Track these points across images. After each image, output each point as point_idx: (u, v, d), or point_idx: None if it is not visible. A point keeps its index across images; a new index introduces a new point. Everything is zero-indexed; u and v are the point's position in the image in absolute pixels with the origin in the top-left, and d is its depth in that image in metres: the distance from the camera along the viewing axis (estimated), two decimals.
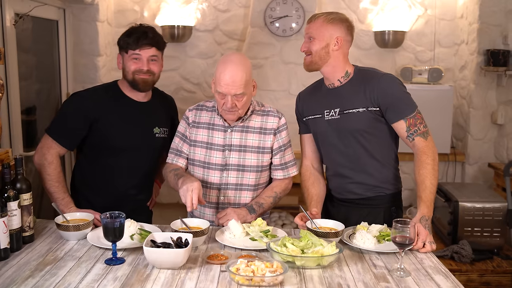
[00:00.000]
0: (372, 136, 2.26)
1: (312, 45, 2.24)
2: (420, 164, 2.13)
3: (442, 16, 4.36)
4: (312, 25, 2.26)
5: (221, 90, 2.14)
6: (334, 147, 2.33)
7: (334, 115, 2.28)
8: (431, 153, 2.13)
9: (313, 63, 2.26)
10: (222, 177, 2.28)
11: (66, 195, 2.28)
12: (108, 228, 1.78)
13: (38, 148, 2.34)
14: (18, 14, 3.14)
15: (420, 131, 2.16)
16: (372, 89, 2.20)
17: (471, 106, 4.11)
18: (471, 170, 4.19)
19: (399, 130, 2.21)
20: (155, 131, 2.48)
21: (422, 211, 2.04)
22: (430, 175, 2.09)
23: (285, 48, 4.26)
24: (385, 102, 2.19)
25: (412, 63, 4.38)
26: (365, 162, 2.29)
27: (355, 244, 1.98)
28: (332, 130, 2.30)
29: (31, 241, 2.00)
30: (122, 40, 2.36)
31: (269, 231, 2.07)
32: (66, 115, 2.39)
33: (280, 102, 4.28)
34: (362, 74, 2.28)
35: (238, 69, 2.13)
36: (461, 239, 3.24)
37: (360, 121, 2.23)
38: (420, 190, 2.09)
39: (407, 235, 1.76)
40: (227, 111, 2.19)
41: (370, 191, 2.31)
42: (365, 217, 2.25)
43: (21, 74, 3.28)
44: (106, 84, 2.55)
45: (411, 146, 2.20)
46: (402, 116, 2.18)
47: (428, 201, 2.06)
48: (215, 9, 4.40)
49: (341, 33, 2.23)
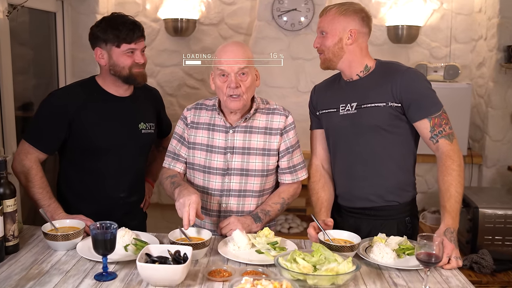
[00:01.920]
0: (391, 135, 2.06)
1: (325, 40, 2.07)
2: (444, 169, 1.93)
3: (458, 10, 4.15)
4: (323, 19, 2.08)
5: (222, 67, 1.98)
6: (347, 145, 2.13)
7: (350, 110, 2.09)
8: (457, 158, 1.94)
9: (327, 60, 2.09)
10: (224, 183, 2.09)
11: (52, 200, 2.11)
12: (98, 240, 1.60)
13: (16, 155, 2.17)
14: (12, 5, 2.98)
15: (445, 133, 1.97)
16: (395, 83, 2.01)
17: (489, 105, 3.90)
18: (488, 173, 3.99)
19: (421, 130, 2.01)
20: (141, 126, 2.31)
21: (447, 222, 1.85)
22: (456, 182, 1.90)
23: (293, 43, 4.07)
24: (408, 97, 1.99)
25: (427, 60, 4.18)
26: (380, 164, 2.09)
27: (373, 259, 1.79)
28: (347, 126, 2.10)
29: (15, 251, 1.82)
30: (107, 33, 2.17)
31: (277, 243, 1.88)
32: (41, 117, 2.22)
33: (288, 99, 4.09)
34: (384, 67, 2.10)
35: (238, 45, 2.04)
36: (481, 248, 3.04)
37: (379, 117, 2.04)
38: (445, 199, 1.89)
39: (433, 251, 1.57)
40: (231, 97, 2.00)
41: (383, 199, 2.11)
42: (378, 229, 2.05)
43: (18, 68, 3.14)
44: (82, 81, 2.37)
45: (434, 149, 2.00)
46: (427, 114, 1.98)
47: (454, 211, 1.87)
48: (220, 2, 4.21)
49: (355, 25, 2.04)
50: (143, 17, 4.21)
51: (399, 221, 2.13)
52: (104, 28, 2.19)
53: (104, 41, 2.19)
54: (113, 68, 2.20)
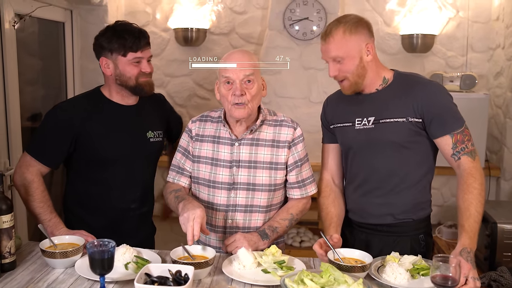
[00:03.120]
0: (409, 151, 1.98)
1: (344, 66, 1.95)
2: (466, 187, 1.84)
3: (475, 18, 4.03)
4: (332, 45, 1.94)
5: (227, 74, 1.92)
6: (362, 160, 2.04)
7: (367, 124, 2.00)
8: (479, 176, 1.85)
9: (353, 85, 1.98)
10: (230, 198, 2.01)
11: (53, 215, 2.04)
12: (95, 259, 1.52)
13: (17, 168, 2.11)
14: (20, 15, 2.95)
15: (467, 150, 1.89)
16: (415, 96, 1.92)
17: (507, 116, 3.78)
18: (507, 186, 3.85)
19: (443, 146, 1.93)
20: (149, 135, 2.26)
21: (464, 242, 1.75)
22: (476, 201, 1.81)
23: (305, 53, 3.99)
24: (430, 112, 1.91)
25: (443, 69, 4.07)
26: (397, 182, 2.00)
27: (385, 279, 1.70)
28: (363, 142, 2.02)
29: (12, 269, 1.75)
30: (113, 42, 2.12)
31: (284, 262, 1.79)
32: (45, 130, 2.17)
33: (300, 110, 4.01)
34: (403, 79, 2.01)
35: (244, 52, 1.98)
36: (500, 265, 2.88)
37: (398, 133, 1.95)
38: (464, 218, 1.80)
39: (449, 274, 1.47)
40: (235, 105, 1.93)
41: (396, 217, 2.02)
42: (390, 246, 1.96)
43: (27, 79, 3.11)
44: (87, 92, 2.32)
45: (455, 166, 1.92)
46: (449, 130, 1.90)
47: (472, 231, 1.77)
48: (231, 11, 4.15)
49: (366, 38, 1.96)
50: (153, 27, 4.17)
51: (412, 238, 2.04)
52: (109, 37, 2.14)
53: (109, 51, 2.14)
54: (119, 78, 2.15)
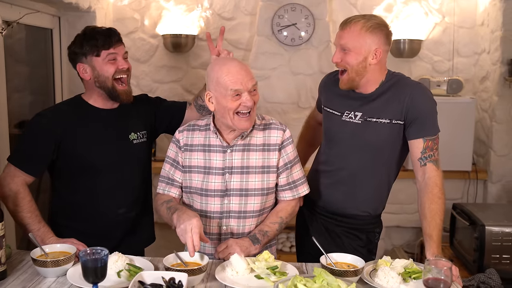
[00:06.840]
0: (386, 152, 2.07)
1: (347, 57, 1.98)
2: (432, 197, 1.91)
3: (461, 23, 4.09)
4: (346, 33, 1.97)
5: (237, 87, 1.87)
6: (340, 151, 2.12)
7: (353, 119, 2.06)
8: (442, 187, 1.94)
9: (350, 80, 2.01)
10: (223, 204, 2.01)
11: (41, 224, 2.02)
12: (87, 267, 1.51)
13: (1, 179, 2.08)
14: (7, 22, 2.93)
15: (434, 158, 1.96)
16: (403, 99, 1.98)
17: (493, 119, 3.83)
18: (494, 189, 3.90)
19: (413, 149, 1.99)
20: (132, 137, 2.23)
21: (433, 251, 1.85)
22: (441, 211, 1.90)
23: (294, 58, 4.01)
24: (412, 115, 1.97)
25: (429, 74, 4.12)
26: (367, 178, 2.10)
27: (378, 283, 1.71)
28: (347, 134, 2.08)
29: (2, 278, 1.74)
30: (84, 46, 2.10)
31: (277, 267, 1.79)
32: (27, 139, 2.13)
33: (289, 115, 4.03)
34: (393, 80, 2.05)
35: (239, 62, 1.95)
36: (488, 267, 2.94)
37: (381, 134, 2.02)
38: (431, 228, 1.88)
39: (441, 277, 1.49)
40: (243, 116, 1.91)
41: (359, 210, 2.14)
42: (349, 237, 2.15)
43: (15, 86, 3.09)
44: (69, 100, 2.30)
45: (419, 170, 1.98)
46: (424, 135, 1.96)
47: (439, 240, 1.88)
48: (220, 17, 4.16)
49: (380, 43, 1.97)
50: (141, 33, 4.17)
51: (368, 231, 2.19)
52: (80, 43, 2.12)
53: (83, 55, 2.12)
54: (98, 79, 2.12)
